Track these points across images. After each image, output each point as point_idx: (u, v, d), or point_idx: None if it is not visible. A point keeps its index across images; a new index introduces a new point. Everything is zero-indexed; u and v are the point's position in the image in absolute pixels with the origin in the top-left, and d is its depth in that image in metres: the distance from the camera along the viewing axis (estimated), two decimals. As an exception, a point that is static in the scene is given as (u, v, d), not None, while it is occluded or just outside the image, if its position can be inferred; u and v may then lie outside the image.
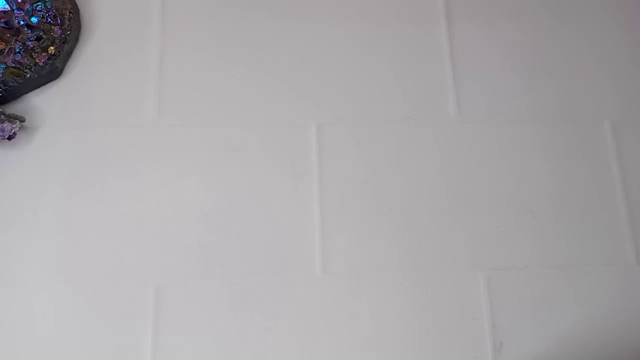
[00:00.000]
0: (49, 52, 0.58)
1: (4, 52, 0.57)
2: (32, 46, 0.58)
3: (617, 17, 0.66)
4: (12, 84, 0.57)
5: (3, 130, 0.55)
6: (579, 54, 0.65)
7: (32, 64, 0.58)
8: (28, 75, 0.58)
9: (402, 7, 0.65)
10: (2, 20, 0.58)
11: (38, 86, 0.59)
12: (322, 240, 0.57)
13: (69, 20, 0.60)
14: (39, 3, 0.59)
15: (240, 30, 0.63)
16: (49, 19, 0.59)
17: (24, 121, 0.57)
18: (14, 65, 0.57)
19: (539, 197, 0.60)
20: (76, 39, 0.61)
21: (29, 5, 0.59)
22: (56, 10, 0.59)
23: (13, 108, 0.59)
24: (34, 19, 0.58)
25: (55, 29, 0.59)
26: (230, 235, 0.57)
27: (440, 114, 0.62)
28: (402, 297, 0.56)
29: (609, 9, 0.67)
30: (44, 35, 0.58)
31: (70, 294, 0.55)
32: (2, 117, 0.55)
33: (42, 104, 0.59)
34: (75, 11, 0.61)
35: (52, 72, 0.59)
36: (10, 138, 0.55)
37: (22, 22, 0.58)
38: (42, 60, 0.58)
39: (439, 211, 0.59)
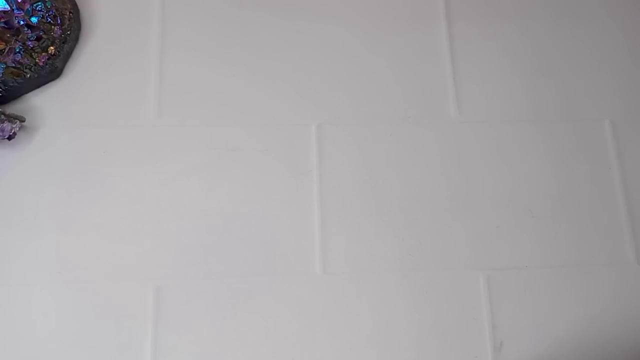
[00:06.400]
0: (49, 52, 0.58)
1: (4, 52, 0.57)
2: (32, 46, 0.58)
3: (616, 17, 0.66)
4: (12, 84, 0.57)
5: (3, 130, 0.55)
6: (579, 54, 0.65)
7: (32, 64, 0.58)
8: (28, 75, 0.58)
9: (402, 8, 0.65)
10: (2, 20, 0.58)
11: (38, 86, 0.59)
12: (322, 240, 0.57)
13: (69, 20, 0.60)
14: (39, 3, 0.59)
15: (240, 31, 0.63)
16: (49, 19, 0.59)
17: (24, 121, 0.57)
18: (14, 65, 0.57)
19: (539, 197, 0.60)
20: (76, 39, 0.61)
21: (29, 5, 0.59)
22: (56, 10, 0.59)
23: (13, 108, 0.59)
24: (34, 19, 0.58)
25: (55, 29, 0.59)
26: (231, 235, 0.57)
27: (440, 114, 0.62)
28: (402, 297, 0.56)
29: (608, 9, 0.67)
30: (44, 35, 0.58)
31: (71, 294, 0.55)
32: (2, 117, 0.55)
33: (42, 104, 0.59)
34: (75, 11, 0.61)
35: (52, 72, 0.59)
36: (10, 138, 0.55)
37: (22, 22, 0.58)
38: (42, 60, 0.58)
39: (439, 211, 0.59)
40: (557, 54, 0.65)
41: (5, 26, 0.58)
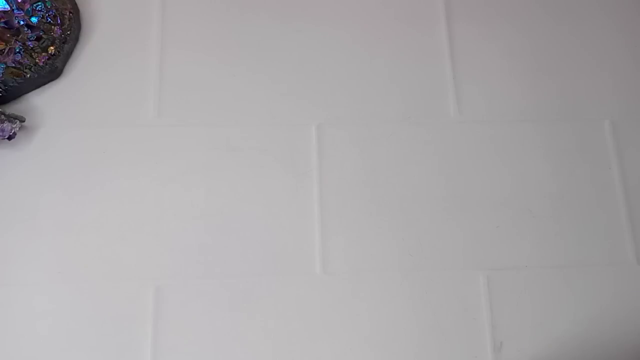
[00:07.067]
0: (49, 52, 0.58)
1: (4, 52, 0.57)
2: (32, 46, 0.58)
3: (616, 17, 0.66)
4: (12, 84, 0.57)
5: (3, 130, 0.55)
6: (579, 54, 0.65)
7: (32, 64, 0.58)
8: (28, 75, 0.58)
9: (402, 8, 0.65)
10: (2, 20, 0.58)
11: (38, 86, 0.59)
12: (322, 240, 0.57)
13: (69, 20, 0.60)
14: (39, 3, 0.59)
15: (240, 31, 0.63)
16: (49, 19, 0.59)
17: (24, 121, 0.57)
18: (14, 65, 0.57)
19: (539, 197, 0.60)
20: (76, 39, 0.61)
21: (29, 5, 0.59)
22: (56, 10, 0.59)
23: (13, 108, 0.59)
24: (34, 19, 0.59)
25: (55, 29, 0.59)
26: (230, 235, 0.57)
27: (440, 114, 0.62)
28: (402, 297, 0.56)
29: (608, 9, 0.67)
30: (44, 35, 0.59)
31: (70, 294, 0.55)
32: (2, 117, 0.55)
33: (42, 104, 0.59)
34: (75, 11, 0.61)
35: (52, 72, 0.59)
36: (10, 138, 0.55)
37: (22, 22, 0.58)
38: (42, 60, 0.58)
39: (438, 211, 0.59)
40: (557, 54, 0.65)
41: (5, 26, 0.58)
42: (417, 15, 0.65)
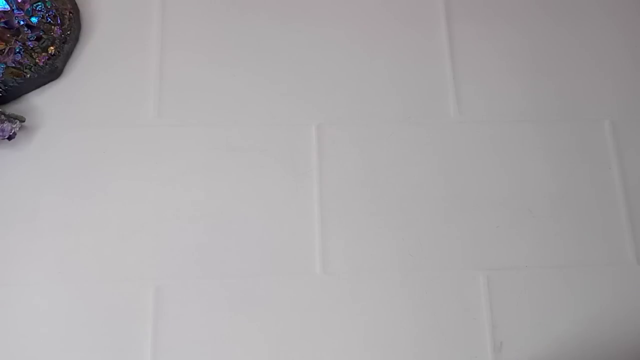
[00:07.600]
0: (49, 52, 0.58)
1: (4, 52, 0.58)
2: (32, 46, 0.58)
3: (616, 17, 0.66)
4: (12, 84, 0.57)
5: (3, 130, 0.55)
6: (578, 54, 0.65)
7: (32, 64, 0.58)
8: (28, 75, 0.58)
9: (402, 8, 0.65)
10: (2, 20, 0.58)
11: (38, 86, 0.59)
12: (322, 240, 0.57)
13: (69, 20, 0.60)
14: (39, 3, 0.59)
15: (240, 31, 0.63)
16: (49, 19, 0.59)
17: (24, 121, 0.57)
18: (14, 65, 0.57)
19: (539, 197, 0.60)
20: (76, 39, 0.61)
21: (29, 5, 0.59)
22: (56, 10, 0.59)
23: (13, 108, 0.59)
24: (34, 19, 0.59)
25: (55, 29, 0.59)
26: (230, 235, 0.57)
27: (440, 114, 0.62)
28: (402, 297, 0.56)
29: (608, 9, 0.67)
30: (44, 35, 0.59)
31: (70, 294, 0.55)
32: (2, 117, 0.55)
33: (42, 104, 0.59)
34: (75, 11, 0.61)
35: (52, 72, 0.59)
36: (10, 138, 0.55)
37: (22, 22, 0.58)
38: (42, 60, 0.58)
39: (439, 211, 0.59)
40: (557, 54, 0.65)
41: (5, 26, 0.58)
42: (417, 15, 0.65)
